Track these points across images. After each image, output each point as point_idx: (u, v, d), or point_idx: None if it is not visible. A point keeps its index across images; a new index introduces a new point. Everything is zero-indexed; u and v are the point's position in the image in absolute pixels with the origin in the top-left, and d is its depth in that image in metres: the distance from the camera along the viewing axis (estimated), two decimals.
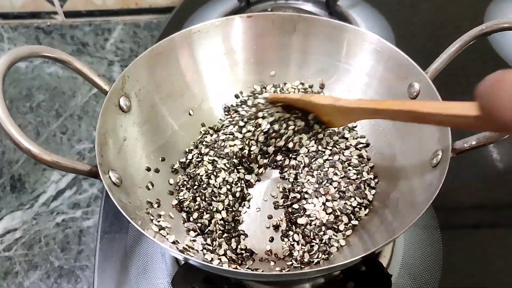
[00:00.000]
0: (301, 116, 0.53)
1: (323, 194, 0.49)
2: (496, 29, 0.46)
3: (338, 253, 0.46)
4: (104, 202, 0.57)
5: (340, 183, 0.50)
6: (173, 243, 0.45)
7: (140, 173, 0.50)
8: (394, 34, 0.73)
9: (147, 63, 0.52)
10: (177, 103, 0.56)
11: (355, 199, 0.49)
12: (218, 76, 0.58)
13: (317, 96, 0.53)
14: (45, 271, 0.58)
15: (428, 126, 0.46)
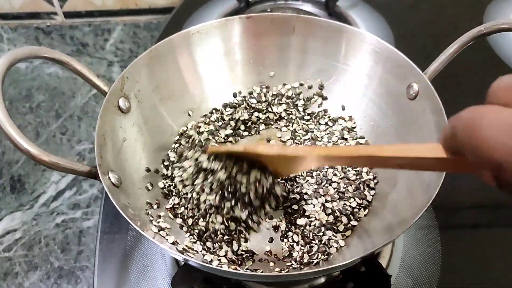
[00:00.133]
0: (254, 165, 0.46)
1: (322, 195, 0.49)
2: (494, 30, 0.46)
3: (337, 253, 0.46)
4: (104, 202, 0.57)
5: (340, 183, 0.50)
6: (173, 244, 0.45)
7: (140, 174, 0.50)
8: (393, 34, 0.73)
9: (146, 64, 0.52)
10: (176, 104, 0.56)
11: (354, 199, 0.49)
12: (217, 77, 0.58)
13: (263, 145, 0.51)
14: (45, 271, 0.58)
15: (427, 127, 0.46)
